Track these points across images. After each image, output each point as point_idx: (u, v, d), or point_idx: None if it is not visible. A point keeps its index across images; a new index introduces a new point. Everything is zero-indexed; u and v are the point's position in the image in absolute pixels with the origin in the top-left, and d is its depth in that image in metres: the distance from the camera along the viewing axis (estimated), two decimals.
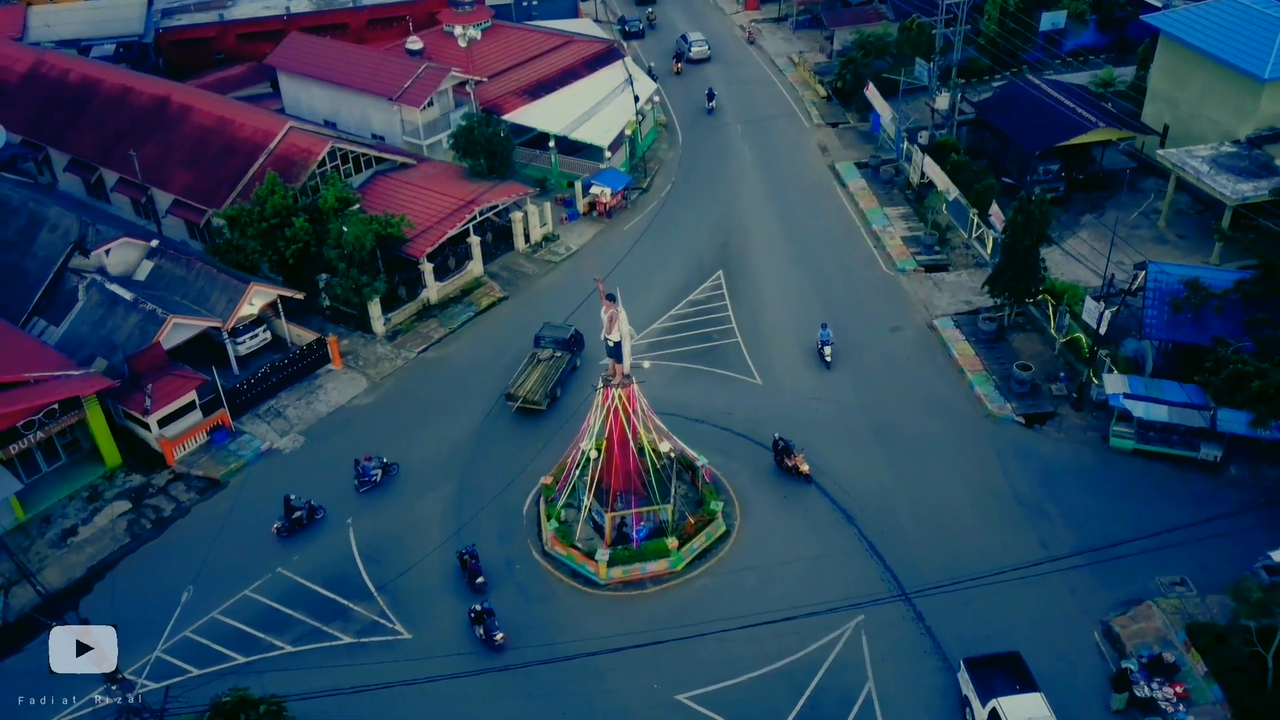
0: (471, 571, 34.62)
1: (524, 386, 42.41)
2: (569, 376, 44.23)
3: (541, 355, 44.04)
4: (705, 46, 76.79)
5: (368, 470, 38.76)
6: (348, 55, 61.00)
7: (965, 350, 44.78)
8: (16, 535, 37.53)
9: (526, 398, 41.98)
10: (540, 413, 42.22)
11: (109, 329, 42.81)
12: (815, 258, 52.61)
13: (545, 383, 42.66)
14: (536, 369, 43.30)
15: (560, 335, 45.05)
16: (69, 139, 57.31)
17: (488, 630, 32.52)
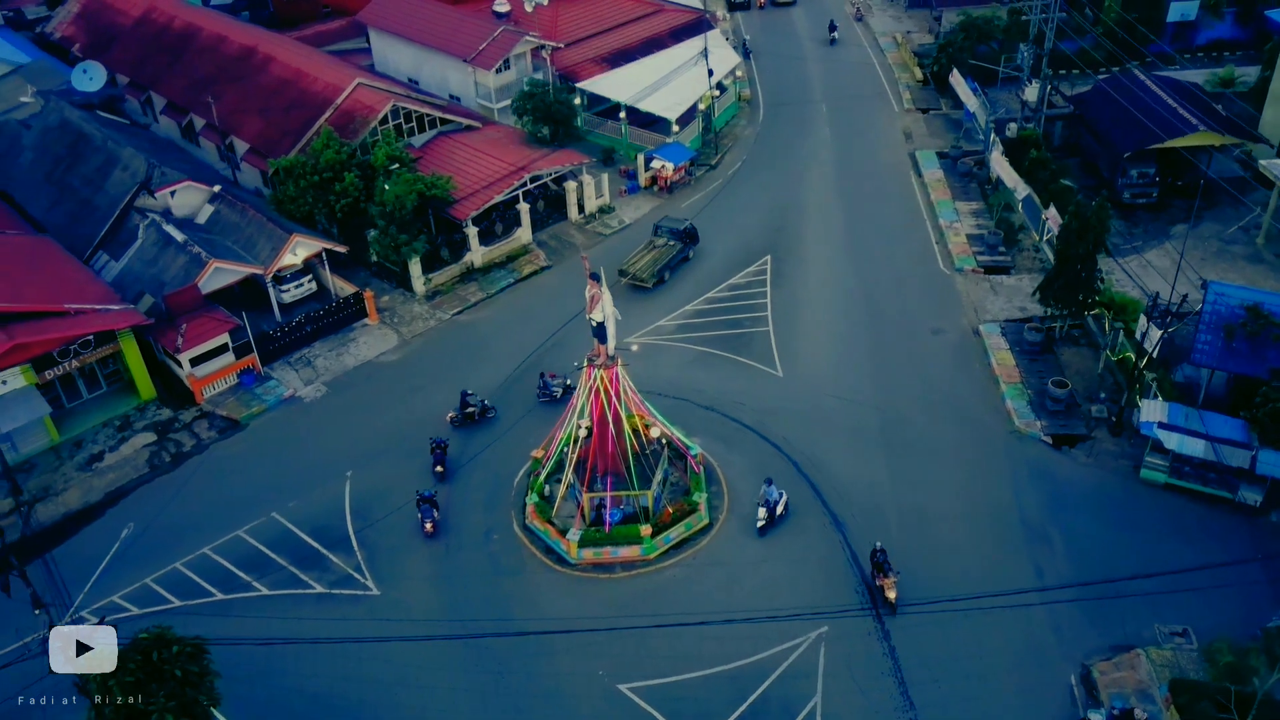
0: (435, 459, 37.71)
1: (636, 265, 47.78)
2: (679, 264, 49.06)
3: (657, 242, 49.32)
4: None
5: (549, 385, 40.93)
6: (431, 14, 61.70)
7: (1005, 360, 42.26)
8: (49, 455, 39.98)
9: (636, 275, 47.37)
10: (647, 290, 47.28)
11: (160, 268, 44.86)
12: (871, 248, 50.52)
13: (655, 264, 47.82)
14: (650, 253, 48.59)
15: (676, 226, 49.93)
16: (166, 83, 60.08)
17: (422, 516, 35.22)
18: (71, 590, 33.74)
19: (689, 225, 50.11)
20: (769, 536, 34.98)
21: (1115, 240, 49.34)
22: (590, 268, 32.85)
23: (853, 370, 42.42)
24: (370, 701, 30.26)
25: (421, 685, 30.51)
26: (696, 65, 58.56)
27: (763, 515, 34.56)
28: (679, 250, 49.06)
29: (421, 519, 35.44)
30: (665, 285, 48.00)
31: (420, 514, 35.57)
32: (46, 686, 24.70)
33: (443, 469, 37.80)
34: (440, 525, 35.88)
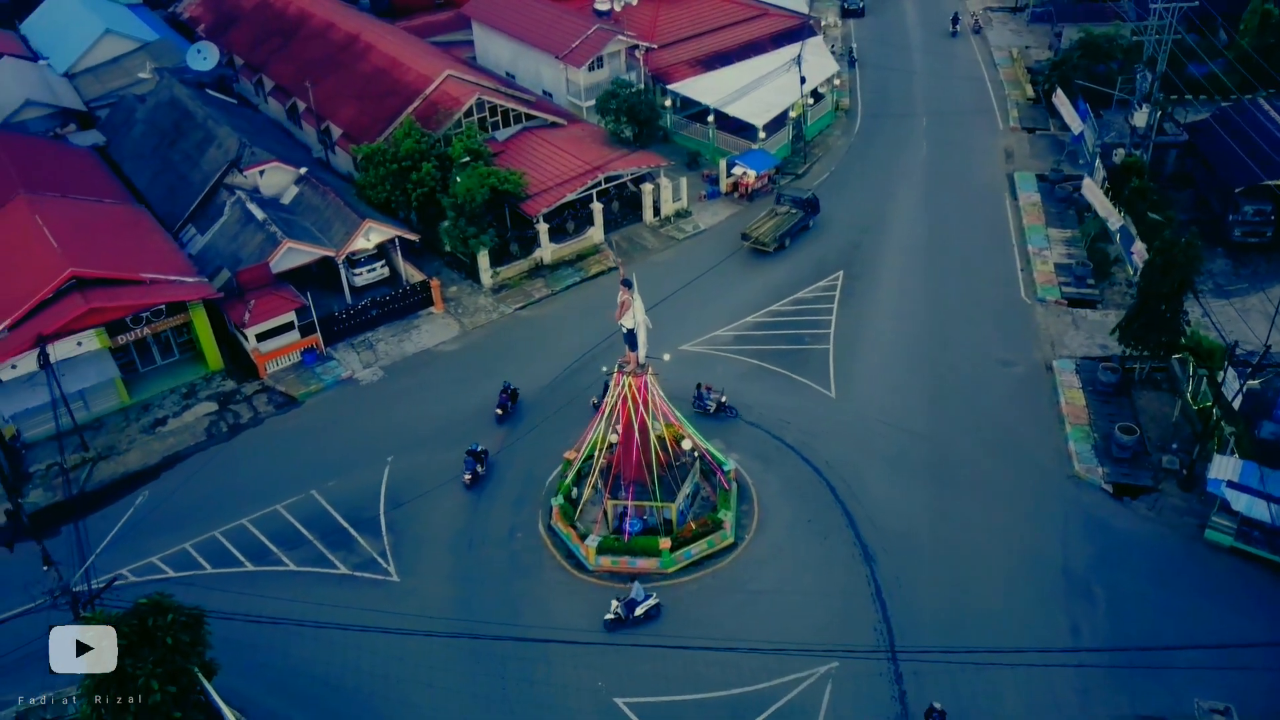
0: (502, 405, 40.17)
1: (759, 229, 50.11)
2: (799, 232, 50.96)
3: (779, 209, 51.47)
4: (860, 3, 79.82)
5: (705, 397, 40.22)
6: (529, 9, 62.21)
7: (1075, 399, 39.93)
8: (118, 416, 41.91)
9: (759, 238, 49.63)
10: (767, 254, 49.40)
11: (239, 244, 46.51)
12: (949, 271, 48.51)
13: (777, 230, 50.06)
14: (773, 219, 50.87)
15: (799, 196, 52.05)
16: (275, 66, 62.37)
17: (465, 467, 37.16)
18: (108, 550, 35.38)
19: (811, 195, 52.30)
20: (793, 560, 33.94)
21: (1219, 281, 46.29)
22: (624, 274, 32.35)
23: (910, 397, 40.79)
24: (368, 691, 30.59)
25: (420, 681, 30.66)
26: (790, 72, 57.37)
27: (615, 609, 31.60)
28: (800, 218, 51.15)
29: (464, 470, 37.23)
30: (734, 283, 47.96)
31: (465, 465, 37.35)
32: None
33: (502, 412, 39.81)
34: (484, 481, 37.56)
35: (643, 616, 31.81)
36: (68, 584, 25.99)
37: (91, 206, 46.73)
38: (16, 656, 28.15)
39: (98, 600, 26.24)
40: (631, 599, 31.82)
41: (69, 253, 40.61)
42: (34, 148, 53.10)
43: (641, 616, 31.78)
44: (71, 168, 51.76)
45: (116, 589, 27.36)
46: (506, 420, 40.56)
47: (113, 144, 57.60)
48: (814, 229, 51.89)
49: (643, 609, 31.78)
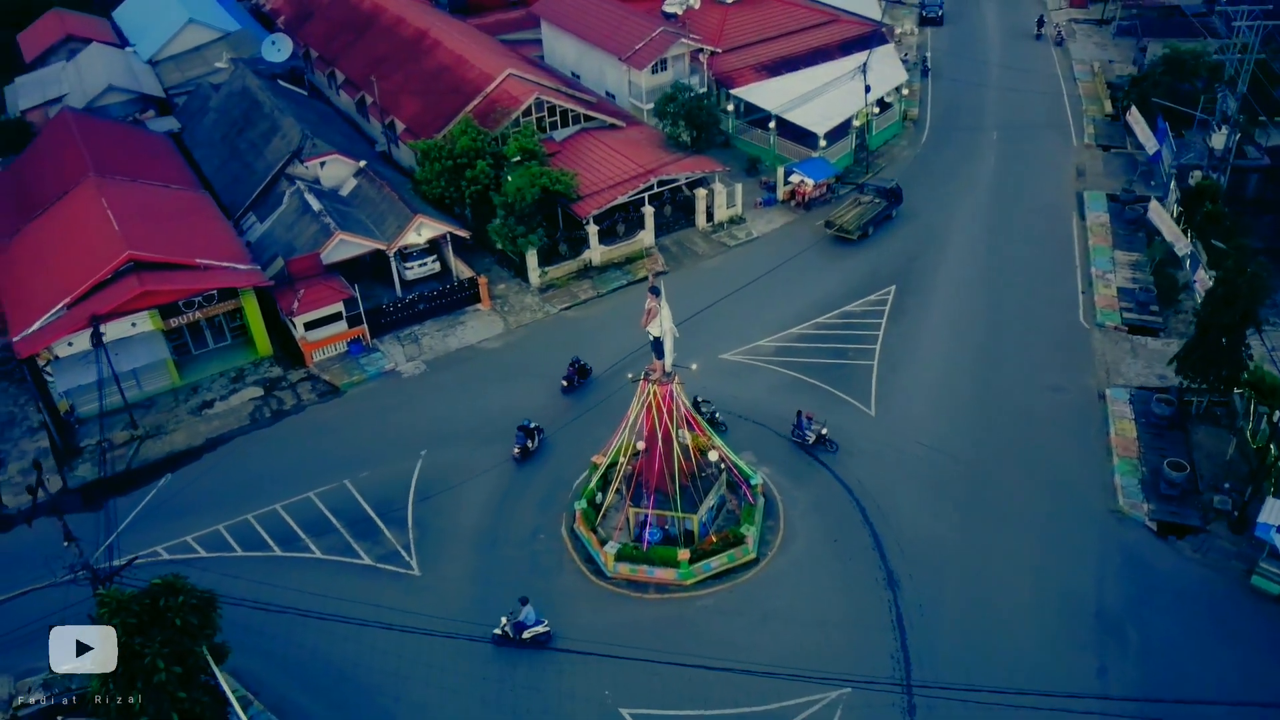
0: (569, 378, 41.47)
1: (843, 217, 51.03)
2: (882, 220, 51.78)
3: (863, 198, 52.54)
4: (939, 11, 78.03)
5: (805, 426, 37.77)
6: (596, 10, 62.22)
7: (1126, 430, 38.37)
8: (168, 396, 43.08)
9: (843, 226, 50.53)
10: (851, 242, 50.29)
11: (295, 233, 47.43)
12: (1006, 291, 47.09)
13: (860, 219, 50.90)
14: (856, 207, 51.89)
15: (883, 185, 53.50)
16: (346, 59, 63.51)
17: (516, 441, 38.37)
18: (146, 527, 36.37)
19: (895, 184, 53.23)
20: (814, 580, 33.27)
21: None
22: (654, 281, 32.05)
23: (952, 419, 39.68)
24: (377, 685, 30.78)
25: (429, 680, 30.62)
26: (855, 80, 56.30)
27: (503, 626, 31.18)
28: (884, 207, 51.90)
29: (515, 443, 38.46)
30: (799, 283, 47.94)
31: (516, 439, 38.46)
32: (68, 615, 26.46)
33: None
34: (536, 456, 38.52)
35: (529, 640, 31.09)
36: (88, 560, 26.69)
37: (156, 191, 48.14)
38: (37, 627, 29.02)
39: (117, 578, 26.86)
40: (520, 621, 31.15)
41: (128, 235, 41.84)
42: (111, 132, 54.95)
43: (528, 640, 31.09)
44: (144, 152, 53.45)
45: (136, 567, 28.03)
46: (572, 392, 41.71)
47: (186, 131, 59.35)
48: (896, 218, 52.59)
49: (530, 634, 31.11)
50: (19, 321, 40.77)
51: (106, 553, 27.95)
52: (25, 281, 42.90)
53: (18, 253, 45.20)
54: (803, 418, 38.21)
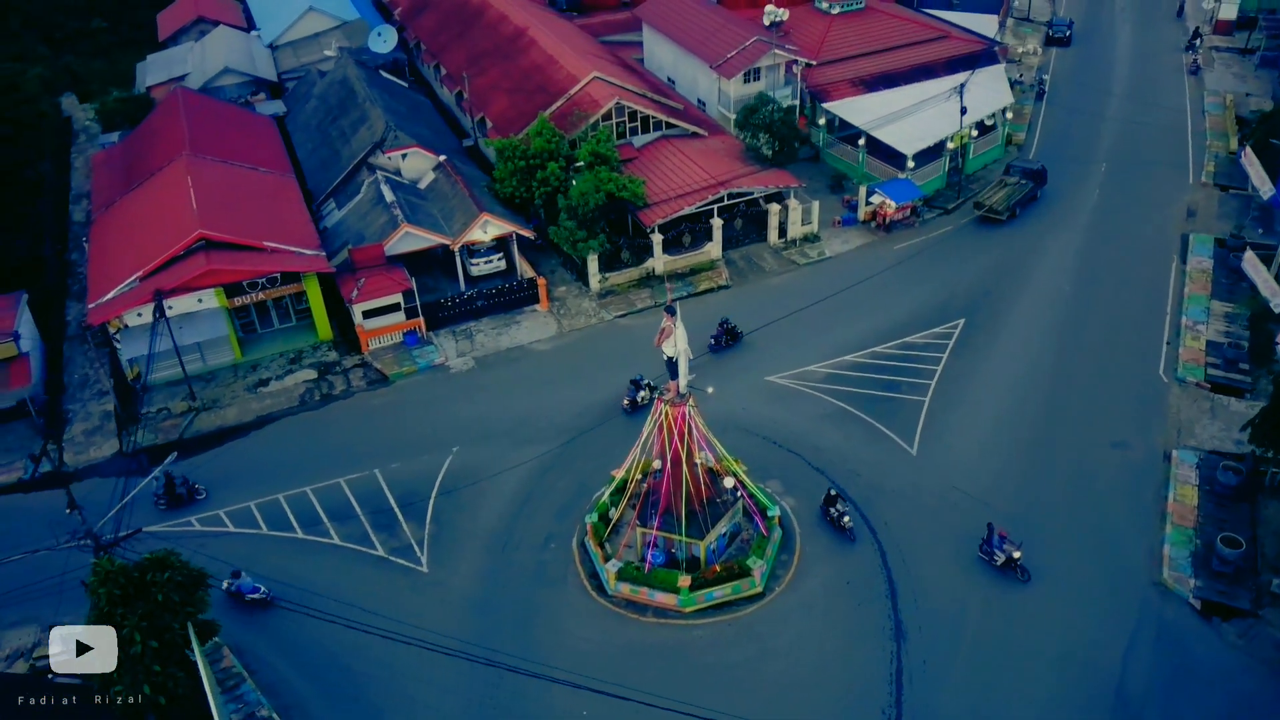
0: (717, 338, 44.13)
1: (992, 198, 52.60)
2: (1028, 202, 53.28)
3: (1009, 180, 54.04)
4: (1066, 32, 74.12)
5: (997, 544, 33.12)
6: (694, 15, 61.52)
7: (1187, 497, 35.56)
8: (228, 371, 44.77)
9: (992, 207, 52.10)
10: (999, 222, 51.90)
11: (367, 222, 48.58)
12: (1084, 334, 44.34)
13: (1009, 199, 52.56)
14: (1004, 188, 53.33)
15: (1030, 166, 54.80)
16: (449, 53, 64.73)
17: (628, 395, 40.78)
18: None
19: (1041, 166, 54.64)
20: (818, 622, 32.03)
21: None
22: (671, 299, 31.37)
23: (997, 467, 37.60)
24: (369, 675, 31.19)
25: (421, 677, 30.74)
26: (954, 100, 53.83)
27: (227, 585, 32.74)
28: (1030, 188, 53.26)
29: (626, 395, 40.93)
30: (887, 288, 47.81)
31: (628, 392, 40.86)
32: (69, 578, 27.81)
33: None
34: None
35: (249, 602, 33.06)
36: (91, 528, 27.87)
37: (243, 172, 50.05)
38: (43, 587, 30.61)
39: (118, 547, 27.97)
40: (239, 587, 33.02)
41: (203, 215, 43.61)
42: (217, 112, 57.44)
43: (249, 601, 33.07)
44: (244, 134, 55.67)
45: (140, 538, 29.13)
46: (720, 351, 44.09)
47: (290, 115, 61.62)
48: (1040, 200, 53.90)
49: (252, 598, 33.06)
50: (96, 290, 43.05)
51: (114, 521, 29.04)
52: (108, 252, 45.29)
53: (108, 224, 47.79)
54: (995, 534, 33.26)
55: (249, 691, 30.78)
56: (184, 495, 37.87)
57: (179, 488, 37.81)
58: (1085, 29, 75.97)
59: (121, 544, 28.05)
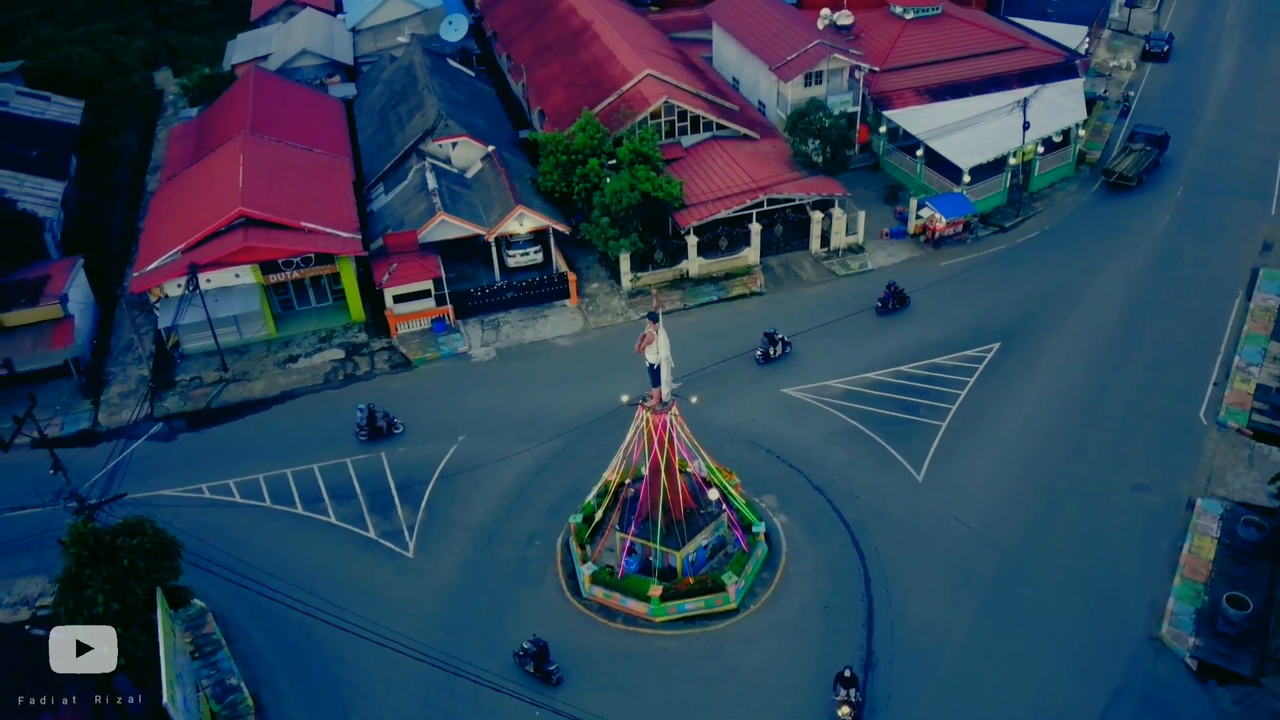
0: (884, 301, 45.61)
1: (1121, 165, 54.79)
2: (1152, 168, 55.29)
3: (1134, 146, 56.33)
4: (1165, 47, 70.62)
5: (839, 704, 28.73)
6: (762, 16, 60.52)
7: (1203, 549, 33.49)
8: (262, 346, 46.16)
9: (1121, 173, 54.17)
10: (1129, 189, 54.01)
11: (409, 208, 49.41)
12: (1123, 368, 42.15)
13: (1136, 165, 54.64)
14: (1131, 155, 55.49)
15: (1153, 132, 56.78)
16: (517, 44, 65.27)
17: (761, 348, 42.92)
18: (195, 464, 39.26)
19: (1164, 131, 56.61)
20: (788, 644, 31.31)
21: None
22: (658, 306, 31.06)
23: (1004, 501, 36.06)
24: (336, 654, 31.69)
25: (386, 662, 30.77)
26: (1026, 113, 51.55)
27: None
28: (1155, 154, 55.24)
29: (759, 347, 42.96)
30: None
31: (760, 346, 42.87)
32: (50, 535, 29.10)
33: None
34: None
35: None
36: (76, 490, 29.13)
37: (297, 153, 51.48)
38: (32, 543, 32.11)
39: (100, 510, 29.15)
40: None
41: (247, 193, 45.05)
42: (287, 93, 59.28)
43: None
44: (308, 116, 57.31)
45: (124, 503, 30.27)
46: (887, 312, 45.52)
47: (357, 99, 63.09)
48: (1162, 166, 55.66)
49: None
50: (143, 260, 45.00)
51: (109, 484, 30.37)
52: (159, 224, 47.29)
53: (166, 196, 49.88)
54: None
55: (224, 659, 31.79)
56: (383, 429, 40.19)
57: (379, 421, 40.07)
58: (1187, 45, 71.93)
59: (104, 507, 29.21)
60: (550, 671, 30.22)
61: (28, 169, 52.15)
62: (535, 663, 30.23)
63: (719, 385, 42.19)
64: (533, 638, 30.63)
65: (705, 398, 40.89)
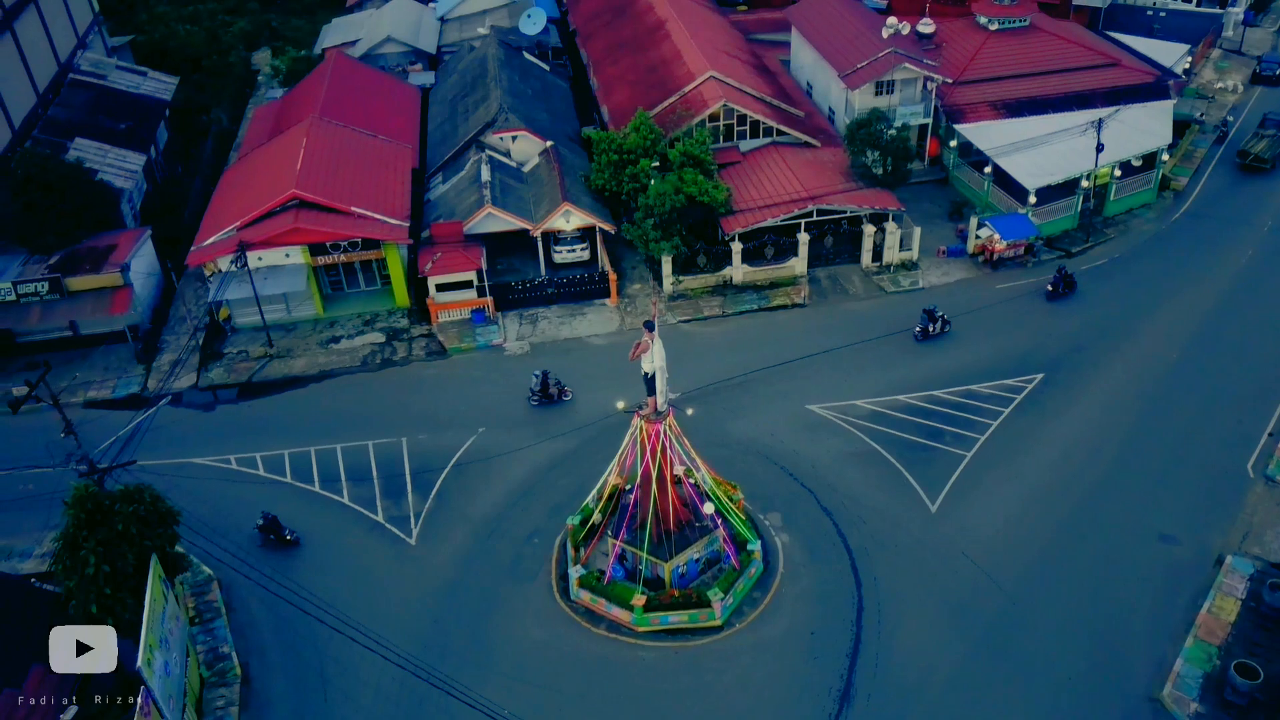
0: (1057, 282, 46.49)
1: (1256, 147, 56.31)
2: None
3: (1266, 132, 57.58)
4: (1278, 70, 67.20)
5: None
6: (839, 22, 59.21)
7: (1224, 610, 31.53)
8: (308, 324, 47.55)
9: (1258, 155, 55.81)
10: (1265, 172, 55.58)
11: (461, 199, 50.15)
12: (1173, 410, 39.94)
13: (1271, 149, 56.15)
14: (1263, 140, 56.90)
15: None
16: (594, 40, 65.51)
17: (921, 325, 43.93)
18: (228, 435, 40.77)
19: None
20: (768, 667, 30.75)
21: None
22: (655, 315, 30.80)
23: (1019, 540, 34.63)
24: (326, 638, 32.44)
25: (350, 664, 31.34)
26: (1105, 133, 49.03)
27: None
28: None
29: (919, 323, 44.06)
30: None
31: (920, 323, 43.87)
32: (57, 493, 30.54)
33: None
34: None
35: None
36: (87, 453, 30.56)
37: (361, 139, 52.72)
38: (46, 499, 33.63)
39: (108, 475, 30.49)
40: None
41: (302, 176, 46.39)
42: (364, 79, 60.77)
43: None
44: (383, 103, 58.64)
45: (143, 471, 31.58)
46: (1058, 299, 46.17)
47: (434, 87, 64.26)
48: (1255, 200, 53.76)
49: None
50: (202, 235, 46.80)
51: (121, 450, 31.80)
52: (222, 201, 49.11)
53: (233, 174, 51.87)
54: None
55: (220, 627, 32.98)
56: (554, 395, 41.73)
57: (551, 388, 41.64)
58: None
59: (112, 472, 30.54)
60: (287, 538, 35.32)
61: (114, 141, 54.83)
62: (273, 534, 35.14)
63: (744, 396, 41.69)
64: (262, 514, 35.36)
65: (728, 408, 40.94)
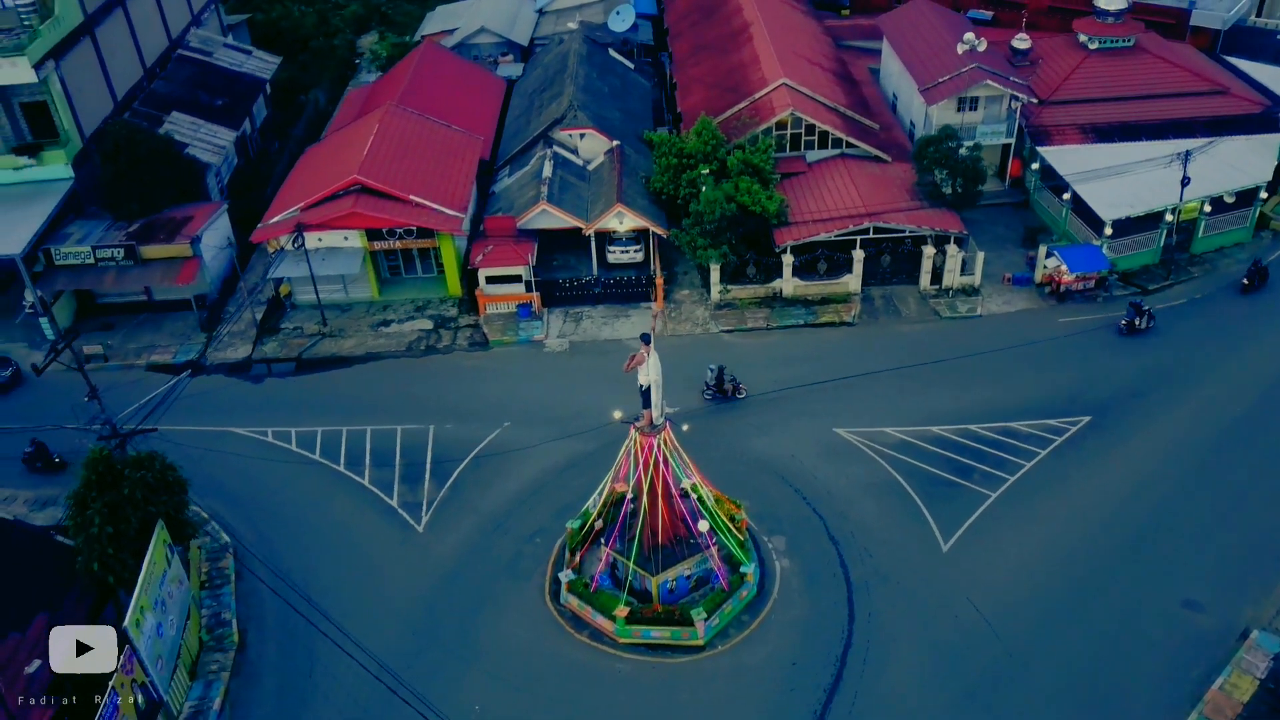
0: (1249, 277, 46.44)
1: None
2: None
3: None
4: None
5: None
6: (928, 34, 57.27)
7: (1238, 689, 29.46)
8: (363, 306, 48.95)
9: None
10: None
11: (521, 194, 50.67)
12: (1224, 470, 37.45)
13: None
14: None
15: None
16: (679, 41, 65.13)
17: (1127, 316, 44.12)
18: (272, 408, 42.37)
19: None
20: (743, 693, 30.30)
21: None
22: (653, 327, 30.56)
23: (1030, 593, 33.08)
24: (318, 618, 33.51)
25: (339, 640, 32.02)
26: (1193, 165, 46.18)
27: None
28: None
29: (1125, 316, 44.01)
30: None
31: (1126, 315, 43.87)
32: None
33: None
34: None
35: None
36: (109, 417, 32.24)
37: (434, 128, 53.66)
38: None
39: (128, 441, 32.10)
40: None
41: (367, 162, 47.66)
42: (451, 69, 62.03)
43: None
44: (465, 93, 59.72)
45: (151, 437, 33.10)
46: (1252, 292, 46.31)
47: (520, 79, 65.06)
48: None
49: None
50: (270, 212, 48.66)
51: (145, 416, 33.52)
52: (296, 181, 50.89)
53: (311, 155, 53.64)
54: None
55: (227, 594, 34.40)
56: (729, 391, 41.69)
57: (726, 383, 41.70)
58: None
59: (131, 437, 32.13)
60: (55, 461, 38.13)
61: (208, 116, 57.34)
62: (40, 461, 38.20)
63: (771, 413, 41.05)
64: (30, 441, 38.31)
65: (753, 423, 40.46)
